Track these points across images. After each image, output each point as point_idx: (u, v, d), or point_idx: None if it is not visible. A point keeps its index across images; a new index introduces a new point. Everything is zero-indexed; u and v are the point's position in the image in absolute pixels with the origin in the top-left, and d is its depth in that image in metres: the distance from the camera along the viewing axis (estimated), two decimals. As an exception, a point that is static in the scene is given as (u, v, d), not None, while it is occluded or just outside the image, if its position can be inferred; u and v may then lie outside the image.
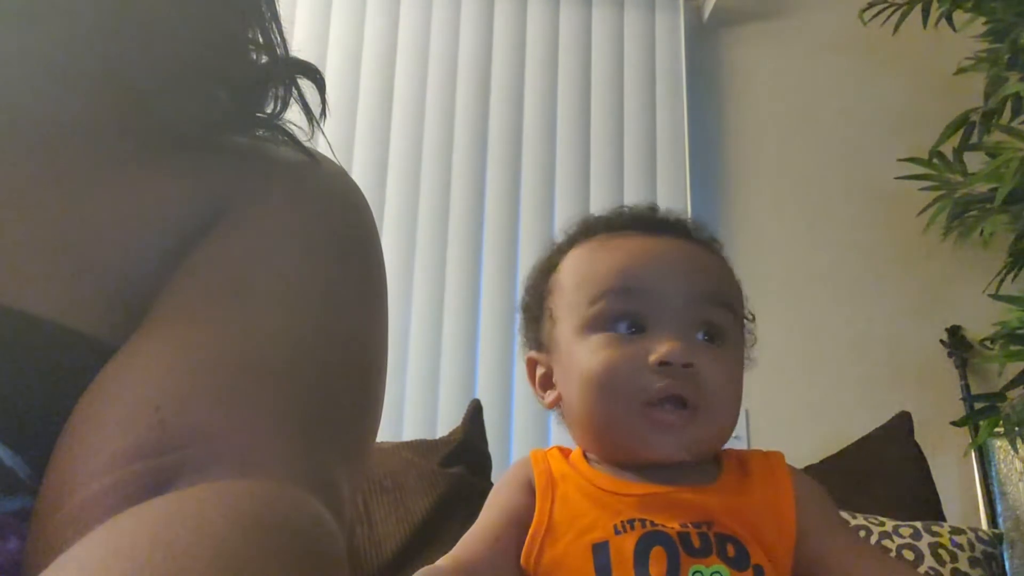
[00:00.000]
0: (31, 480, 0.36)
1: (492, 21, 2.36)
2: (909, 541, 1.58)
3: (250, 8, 0.51)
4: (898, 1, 2.23)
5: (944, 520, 1.74)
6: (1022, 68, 1.99)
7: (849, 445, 1.88)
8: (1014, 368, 1.88)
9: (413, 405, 2.04)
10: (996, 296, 1.98)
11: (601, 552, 0.65)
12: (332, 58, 2.26)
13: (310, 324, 0.43)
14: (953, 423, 2.01)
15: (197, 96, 0.50)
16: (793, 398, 2.13)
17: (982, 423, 1.93)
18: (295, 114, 0.53)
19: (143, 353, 0.39)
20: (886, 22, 2.22)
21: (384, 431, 2.03)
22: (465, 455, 1.70)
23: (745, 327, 0.78)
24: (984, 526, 2.03)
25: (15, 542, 0.35)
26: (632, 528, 0.66)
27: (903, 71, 2.43)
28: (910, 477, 1.80)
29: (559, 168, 2.28)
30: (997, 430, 1.93)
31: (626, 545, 0.65)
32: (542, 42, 2.36)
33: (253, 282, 0.44)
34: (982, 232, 2.13)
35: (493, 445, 1.82)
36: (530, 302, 0.81)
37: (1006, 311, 1.92)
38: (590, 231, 0.79)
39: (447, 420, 1.98)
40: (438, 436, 1.82)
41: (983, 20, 2.09)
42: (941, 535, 1.61)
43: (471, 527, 0.71)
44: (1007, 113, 2.07)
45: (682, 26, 2.43)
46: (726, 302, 0.74)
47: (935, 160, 2.18)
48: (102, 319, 0.41)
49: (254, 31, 0.51)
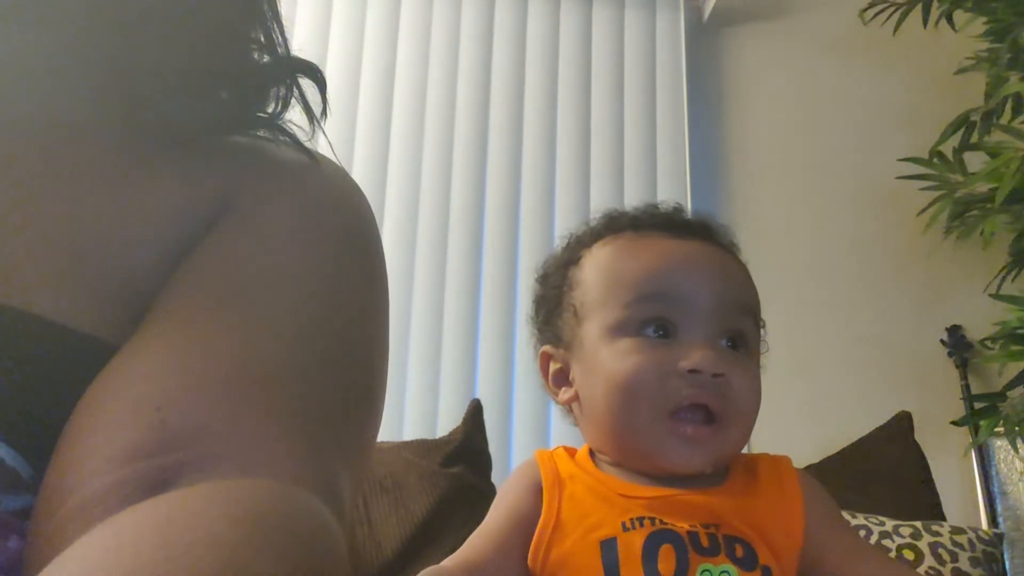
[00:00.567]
0: (33, 479, 0.36)
1: (493, 20, 2.36)
2: (909, 541, 1.59)
3: (252, 7, 0.51)
4: (898, 1, 2.23)
5: (944, 520, 1.74)
6: (1022, 68, 1.99)
7: (849, 445, 1.88)
8: (1014, 368, 1.88)
9: (413, 405, 2.04)
10: (996, 296, 1.98)
11: (609, 548, 0.65)
12: (332, 58, 2.26)
13: (310, 324, 0.43)
14: (953, 423, 2.01)
15: (199, 96, 0.50)
16: (793, 398, 2.13)
17: (982, 423, 1.93)
18: (295, 114, 0.53)
19: (144, 352, 0.39)
20: (886, 22, 2.23)
21: (384, 431, 2.03)
22: (465, 455, 1.70)
23: (760, 334, 0.78)
24: (984, 526, 2.03)
25: (16, 541, 0.35)
26: (641, 525, 0.66)
27: (903, 71, 2.43)
28: (910, 477, 1.80)
29: (559, 168, 2.29)
30: (997, 430, 1.93)
31: (635, 542, 0.65)
32: (542, 41, 2.37)
33: (253, 282, 0.44)
34: (982, 232, 2.13)
35: (493, 445, 1.82)
36: (548, 294, 0.80)
37: (1006, 311, 1.92)
38: (616, 228, 0.78)
39: (447, 420, 1.98)
40: (438, 436, 1.82)
41: (983, 20, 2.09)
42: (941, 535, 1.61)
43: (477, 528, 0.70)
44: (1007, 113, 2.07)
45: (682, 26, 2.43)
46: (750, 311, 0.74)
47: (935, 160, 2.18)
48: (103, 319, 0.41)
49: (256, 30, 0.51)
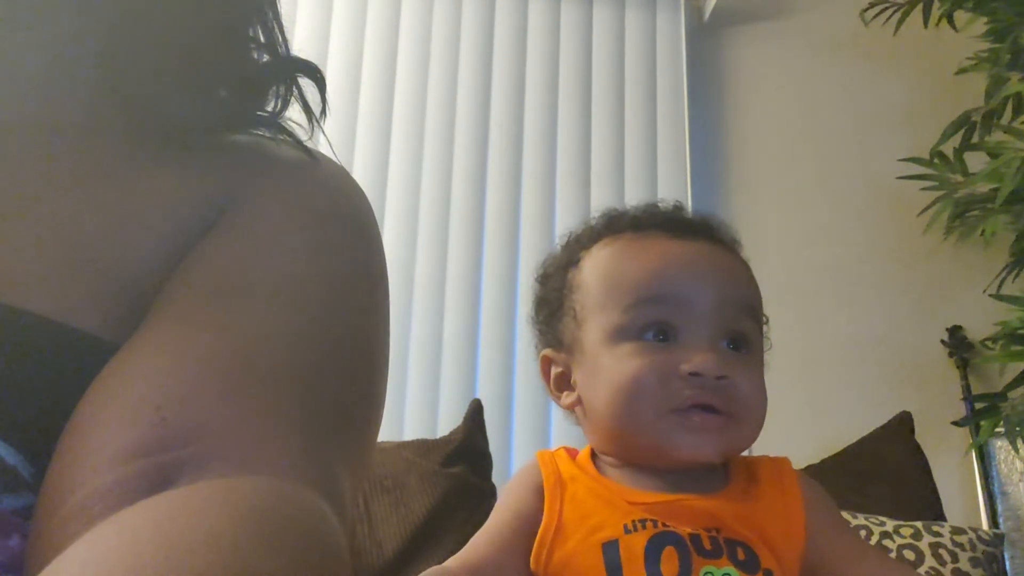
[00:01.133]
0: (33, 478, 0.36)
1: (493, 21, 2.36)
2: (910, 541, 1.59)
3: (249, 6, 0.51)
4: (899, 1, 2.23)
5: (945, 520, 1.74)
6: (1023, 68, 1.99)
7: (850, 445, 1.88)
8: (1015, 368, 1.88)
9: (414, 405, 2.04)
10: (997, 296, 1.98)
11: (611, 550, 0.65)
12: (333, 56, 2.26)
13: (311, 322, 0.43)
14: (954, 423, 2.01)
15: (196, 94, 0.50)
16: (793, 398, 2.13)
17: (983, 423, 1.93)
18: (295, 113, 0.53)
19: (144, 352, 0.39)
20: (887, 22, 2.23)
21: (385, 431, 2.03)
22: (466, 455, 1.70)
23: (763, 332, 0.78)
24: (985, 526, 2.03)
25: (17, 540, 0.35)
26: (643, 527, 0.66)
27: (904, 71, 2.43)
28: (911, 477, 1.80)
29: (560, 168, 2.28)
30: (998, 430, 1.93)
31: (637, 544, 0.65)
32: (543, 42, 2.36)
33: (253, 280, 0.44)
34: (983, 232, 2.13)
35: (494, 445, 1.82)
36: (548, 297, 0.79)
37: (1007, 311, 1.92)
38: (615, 228, 0.77)
39: (448, 420, 1.98)
40: (439, 436, 1.82)
41: (984, 20, 2.09)
42: (942, 535, 1.61)
43: (479, 530, 0.70)
44: (1008, 113, 2.07)
45: (683, 26, 2.43)
46: (752, 311, 0.74)
47: (936, 160, 2.18)
48: (104, 318, 0.41)
49: (255, 29, 0.51)
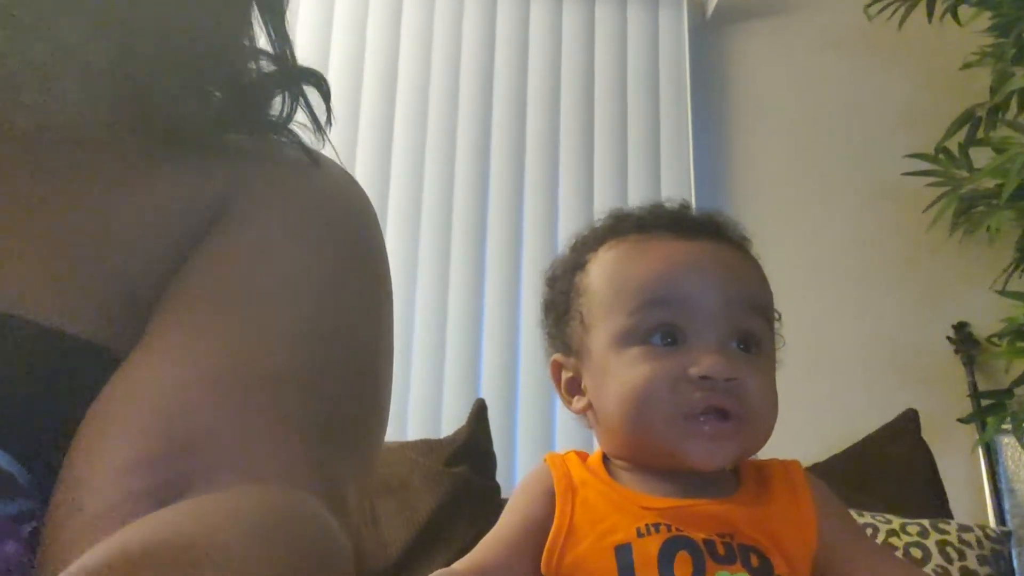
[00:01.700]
0: (29, 484, 0.36)
1: (495, 18, 2.36)
2: (916, 539, 1.58)
3: (257, 11, 0.51)
4: (903, -4, 2.22)
5: (951, 518, 1.73)
6: (1028, 63, 1.99)
7: (855, 443, 1.87)
8: (1021, 364, 1.88)
9: (417, 405, 2.04)
10: (1003, 292, 1.97)
11: (624, 554, 0.64)
12: (334, 56, 2.25)
13: (314, 328, 0.43)
14: (960, 420, 2.00)
15: (199, 97, 0.50)
16: (799, 396, 2.10)
17: (989, 420, 1.92)
18: (296, 118, 0.53)
19: (148, 363, 0.39)
20: (891, 17, 2.22)
21: (389, 431, 2.03)
22: (470, 455, 1.70)
23: (774, 329, 0.77)
24: (992, 523, 2.02)
25: (13, 545, 0.35)
26: (656, 531, 0.65)
27: (908, 66, 2.42)
28: (917, 475, 1.79)
29: (562, 166, 2.28)
30: (1004, 427, 1.92)
31: (650, 548, 0.64)
32: (545, 40, 2.36)
33: (255, 286, 0.43)
34: (988, 228, 2.12)
35: (498, 444, 1.82)
36: (556, 300, 0.79)
37: (1013, 307, 1.91)
38: (621, 230, 0.76)
39: (451, 420, 1.98)
40: (443, 436, 1.82)
41: (988, 15, 2.08)
42: (949, 533, 1.60)
43: (489, 532, 0.70)
44: (1013, 108, 2.06)
45: (685, 23, 2.42)
46: (761, 309, 0.73)
47: (941, 156, 2.17)
48: (104, 325, 0.41)
49: (258, 35, 0.51)
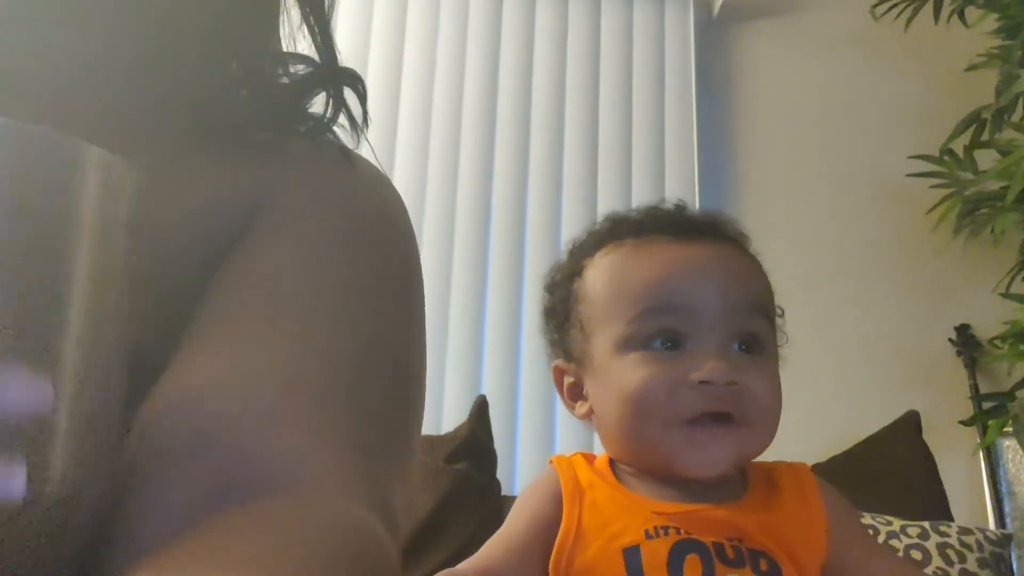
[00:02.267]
0: None
1: (500, 17, 2.35)
2: (917, 541, 1.58)
3: (299, 7, 0.51)
4: (909, -3, 2.21)
5: (952, 520, 1.73)
6: (1034, 65, 1.98)
7: (857, 444, 1.87)
8: (1023, 367, 1.87)
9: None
10: (1006, 295, 1.97)
11: (633, 556, 0.64)
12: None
13: (354, 336, 0.43)
14: (962, 422, 2.00)
15: (236, 93, 0.49)
16: (800, 397, 2.10)
17: (991, 423, 1.92)
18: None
19: (189, 376, 0.39)
20: (898, 18, 2.21)
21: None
22: (470, 451, 1.70)
23: (777, 327, 0.76)
24: (992, 526, 2.02)
25: None
26: (666, 534, 0.65)
27: (914, 68, 2.42)
28: (918, 477, 1.79)
29: (567, 165, 2.28)
30: (1006, 430, 1.92)
31: (659, 550, 0.64)
32: (551, 39, 2.35)
33: (295, 294, 0.43)
34: (992, 230, 2.12)
35: (499, 441, 1.81)
36: (555, 307, 0.78)
37: (1016, 310, 1.91)
38: (618, 234, 0.76)
39: (452, 416, 1.98)
40: (443, 432, 1.81)
41: (995, 16, 2.08)
42: (949, 535, 1.60)
43: (494, 535, 0.69)
44: (1019, 110, 2.05)
45: (692, 22, 2.42)
46: (763, 310, 0.72)
47: (946, 157, 2.17)
48: (140, 330, 0.41)
49: (299, 34, 0.51)
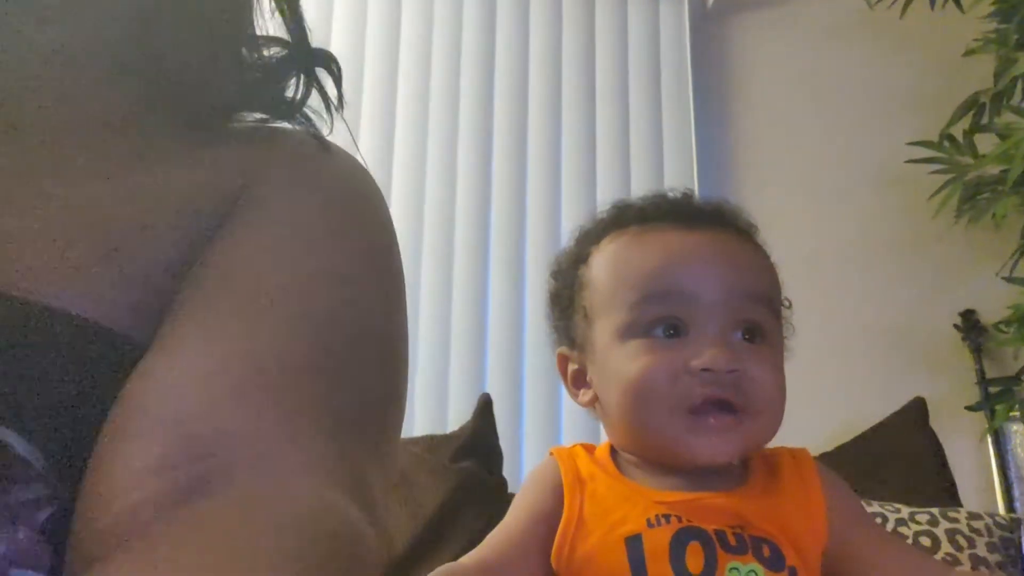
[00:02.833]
0: (46, 470, 0.36)
1: (495, 12, 2.35)
2: (926, 527, 1.57)
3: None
4: (905, -17, 2.20)
5: (960, 506, 1.72)
6: (1032, 48, 1.97)
7: (864, 432, 1.86)
8: (1029, 351, 1.87)
9: (423, 400, 2.04)
10: (1010, 279, 1.96)
11: (635, 545, 0.64)
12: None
13: (331, 320, 0.42)
14: (968, 408, 1.99)
15: (213, 79, 0.49)
16: (806, 385, 2.09)
17: (998, 407, 1.92)
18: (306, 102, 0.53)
19: (167, 362, 0.39)
20: (892, 5, 2.20)
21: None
22: (475, 450, 1.69)
23: (783, 317, 0.76)
24: (1001, 511, 2.01)
25: (26, 532, 0.35)
26: (667, 522, 0.65)
27: (911, 54, 2.41)
28: (926, 463, 1.78)
29: (564, 161, 2.27)
30: (1013, 414, 1.91)
31: (661, 538, 0.64)
32: (545, 34, 2.35)
33: (274, 280, 0.43)
34: (994, 215, 2.11)
35: (504, 439, 1.81)
36: (560, 293, 0.79)
37: (1020, 294, 1.90)
38: (622, 222, 0.76)
39: (457, 415, 1.97)
40: (448, 431, 1.81)
41: (991, 0, 2.07)
42: (958, 521, 1.59)
43: (496, 527, 0.69)
44: (1017, 94, 2.05)
45: (686, 15, 2.41)
46: (766, 299, 0.72)
47: (945, 143, 2.16)
48: (122, 312, 0.41)
49: (269, 17, 0.51)
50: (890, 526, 1.56)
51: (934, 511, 1.60)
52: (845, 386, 2.16)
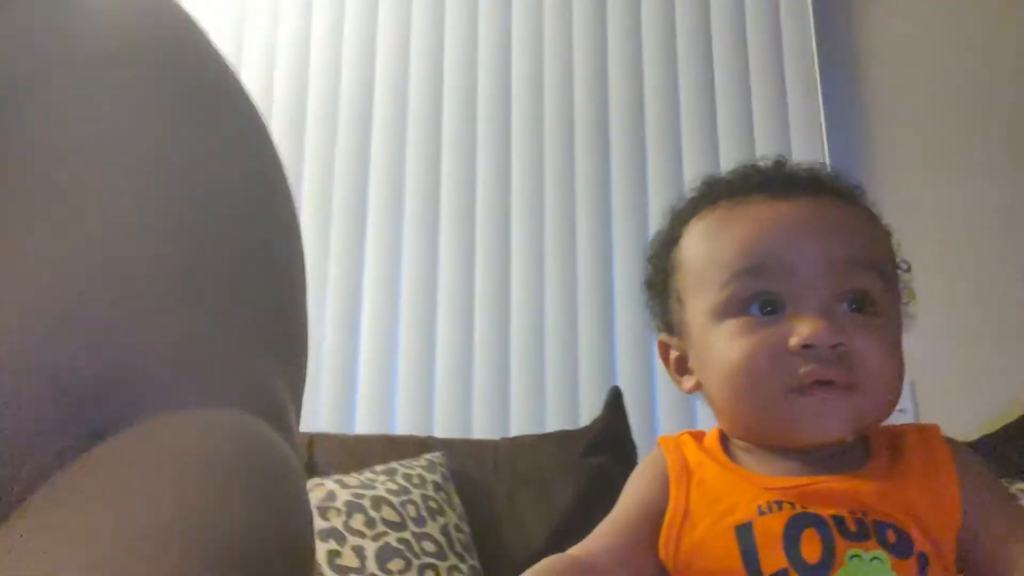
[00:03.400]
0: None
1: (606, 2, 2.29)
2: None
3: None
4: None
5: None
6: None
7: (1021, 416, 1.73)
8: None
9: (553, 396, 2.02)
10: None
11: (745, 534, 0.61)
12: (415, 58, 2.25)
13: (186, 210, 0.35)
14: None
15: None
16: (962, 365, 1.98)
17: None
18: None
19: (17, 267, 0.31)
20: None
21: (526, 425, 2.02)
22: (607, 444, 1.67)
23: (900, 284, 0.70)
24: None
25: None
26: (780, 509, 0.62)
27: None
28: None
29: (685, 144, 2.19)
30: None
31: (774, 526, 0.61)
32: (659, 11, 2.27)
33: (91, 173, 0.34)
34: None
35: (638, 431, 1.78)
36: (654, 279, 0.77)
37: None
38: (711, 198, 0.73)
39: (589, 410, 1.95)
40: (580, 426, 1.79)
41: None
42: None
43: (605, 519, 0.68)
44: None
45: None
46: (873, 264, 0.67)
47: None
48: None
49: None
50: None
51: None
52: (1005, 363, 2.01)
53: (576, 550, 0.65)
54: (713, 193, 0.73)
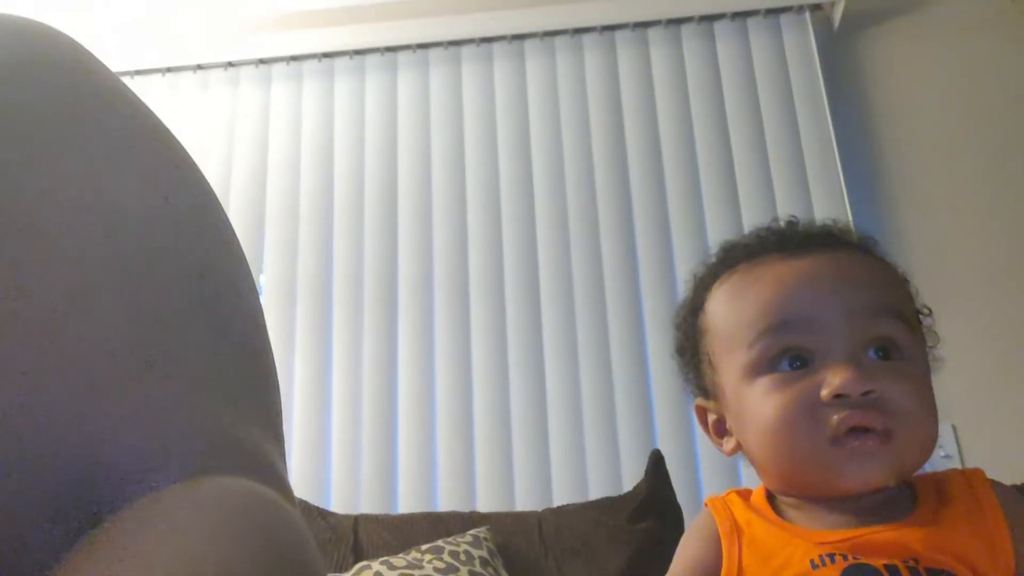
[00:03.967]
0: None
1: (616, 63, 2.35)
2: None
3: None
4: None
5: None
6: None
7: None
8: None
9: (594, 462, 2.01)
10: None
11: None
12: (434, 130, 2.31)
13: (113, 266, 0.31)
14: None
15: None
16: (1005, 407, 1.95)
17: None
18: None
19: None
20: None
21: (568, 494, 2.00)
22: (652, 508, 1.65)
23: (924, 328, 0.71)
24: None
25: None
26: (832, 561, 0.61)
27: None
28: None
29: (706, 199, 2.22)
30: None
31: None
32: (669, 78, 2.33)
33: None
34: None
35: (681, 494, 1.76)
36: (685, 345, 0.78)
37: None
38: (730, 262, 0.75)
39: (631, 475, 1.93)
40: (624, 492, 1.78)
41: None
42: None
43: None
44: None
45: (812, 40, 2.33)
46: (894, 310, 0.68)
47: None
48: None
49: None
50: None
51: None
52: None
53: None
54: (732, 257, 0.75)
